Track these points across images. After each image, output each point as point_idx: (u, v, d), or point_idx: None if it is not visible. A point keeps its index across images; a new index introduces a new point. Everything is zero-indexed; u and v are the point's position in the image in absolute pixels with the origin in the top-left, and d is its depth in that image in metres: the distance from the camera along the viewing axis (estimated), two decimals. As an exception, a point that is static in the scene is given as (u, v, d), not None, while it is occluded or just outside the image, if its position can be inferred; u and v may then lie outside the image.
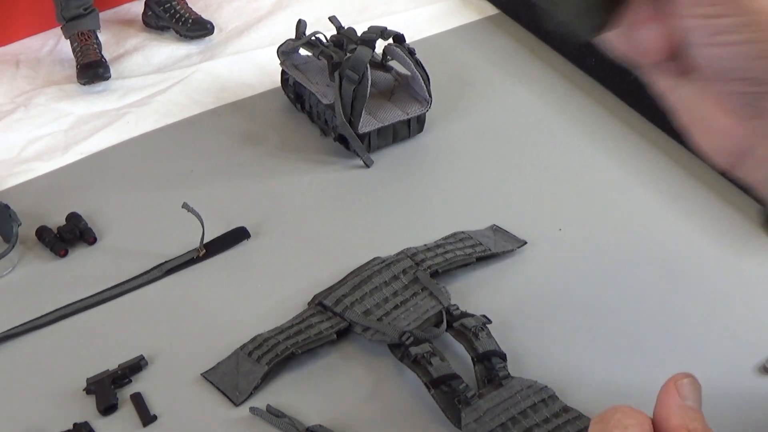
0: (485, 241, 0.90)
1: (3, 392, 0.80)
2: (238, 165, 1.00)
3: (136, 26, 1.18)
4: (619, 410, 0.54)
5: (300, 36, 1.03)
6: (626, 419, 0.55)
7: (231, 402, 0.78)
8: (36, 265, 0.90)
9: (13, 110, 1.06)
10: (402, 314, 0.82)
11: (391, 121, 0.99)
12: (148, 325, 0.85)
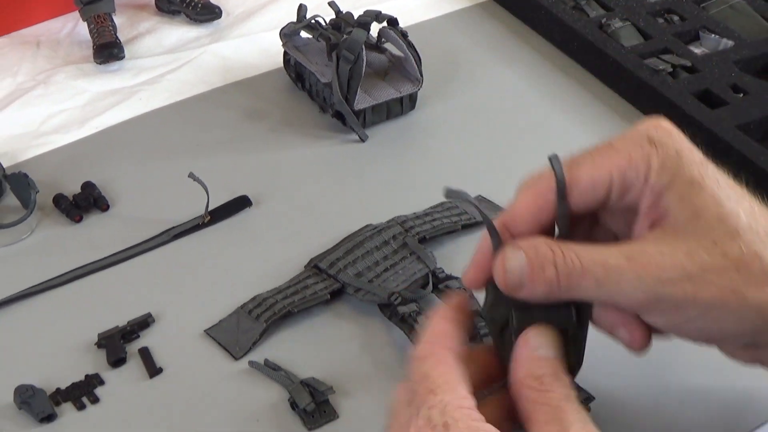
0: (470, 209, 0.90)
1: (22, 345, 0.80)
2: (242, 139, 0.99)
3: (149, 10, 1.17)
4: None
5: (301, 19, 1.03)
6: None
7: (231, 356, 0.78)
8: (53, 230, 0.90)
9: (34, 87, 1.06)
10: (391, 276, 0.82)
11: (384, 99, 0.99)
12: (155, 285, 0.85)
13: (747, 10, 1.11)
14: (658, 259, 0.54)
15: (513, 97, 1.05)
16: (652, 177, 0.56)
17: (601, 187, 0.58)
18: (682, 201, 0.56)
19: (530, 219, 0.60)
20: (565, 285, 0.55)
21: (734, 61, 1.03)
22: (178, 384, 0.77)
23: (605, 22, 1.09)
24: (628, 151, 0.58)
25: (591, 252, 0.55)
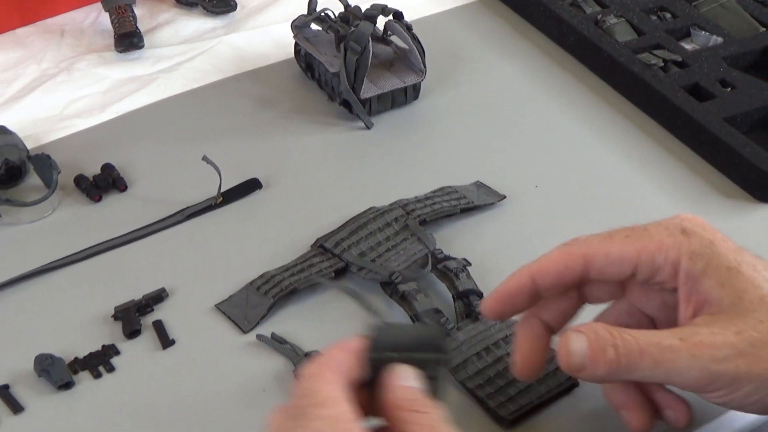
0: (469, 194, 0.90)
1: (42, 317, 0.80)
2: (254, 125, 1.00)
3: (168, 2, 1.17)
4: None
5: (311, 12, 1.03)
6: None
7: (240, 329, 0.78)
8: (73, 209, 0.90)
9: (58, 73, 1.06)
10: (392, 256, 0.83)
11: (389, 89, 0.99)
12: (170, 262, 0.85)
13: (736, 9, 1.11)
14: (710, 339, 0.57)
15: (512, 89, 1.05)
16: (685, 263, 0.60)
17: (628, 263, 0.62)
18: (723, 287, 0.58)
19: (556, 275, 0.64)
20: (624, 365, 0.58)
21: (723, 57, 1.03)
22: (189, 355, 0.77)
23: (601, 19, 1.09)
24: (660, 237, 0.62)
25: (646, 335, 0.58)
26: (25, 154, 0.92)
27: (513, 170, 0.94)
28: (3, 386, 0.74)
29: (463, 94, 1.04)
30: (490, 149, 0.97)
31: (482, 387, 0.72)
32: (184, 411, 0.73)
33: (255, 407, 0.73)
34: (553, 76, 1.07)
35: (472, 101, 1.03)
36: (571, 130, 0.99)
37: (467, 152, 0.97)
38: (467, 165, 0.94)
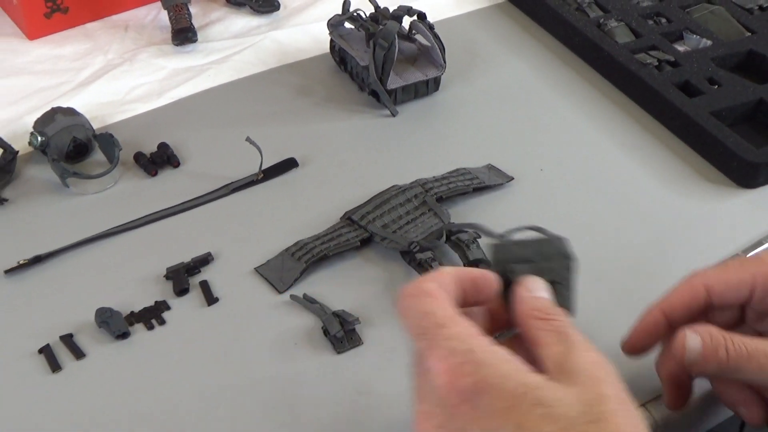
0: (481, 175, 0.90)
1: (103, 275, 0.81)
2: (292, 111, 1.00)
3: (219, 2, 1.18)
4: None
5: (345, 12, 1.03)
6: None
7: (276, 290, 0.79)
8: (132, 182, 0.91)
9: (121, 63, 1.07)
10: (411, 228, 0.83)
11: (413, 81, 0.99)
12: (215, 230, 0.85)
13: (725, 15, 1.10)
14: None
15: (522, 84, 1.05)
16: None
17: (745, 287, 0.63)
18: None
19: (683, 307, 0.65)
20: (733, 366, 0.59)
21: (711, 57, 1.02)
22: (231, 312, 0.78)
23: (603, 22, 1.08)
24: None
25: (754, 342, 0.60)
26: (91, 133, 0.93)
27: (521, 155, 0.94)
28: (67, 335, 0.75)
29: (478, 87, 1.04)
30: (501, 136, 0.97)
31: None
32: (225, 360, 0.74)
33: (287, 358, 0.74)
34: (559, 73, 1.06)
35: (486, 93, 1.03)
36: (573, 120, 0.99)
37: (480, 138, 0.96)
38: (480, 149, 0.94)
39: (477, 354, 0.51)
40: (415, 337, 0.53)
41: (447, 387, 0.51)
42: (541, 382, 0.50)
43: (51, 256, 0.82)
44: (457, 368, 0.51)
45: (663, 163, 0.93)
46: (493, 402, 0.49)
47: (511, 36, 1.12)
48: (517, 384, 0.50)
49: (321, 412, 0.70)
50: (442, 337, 0.52)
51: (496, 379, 0.50)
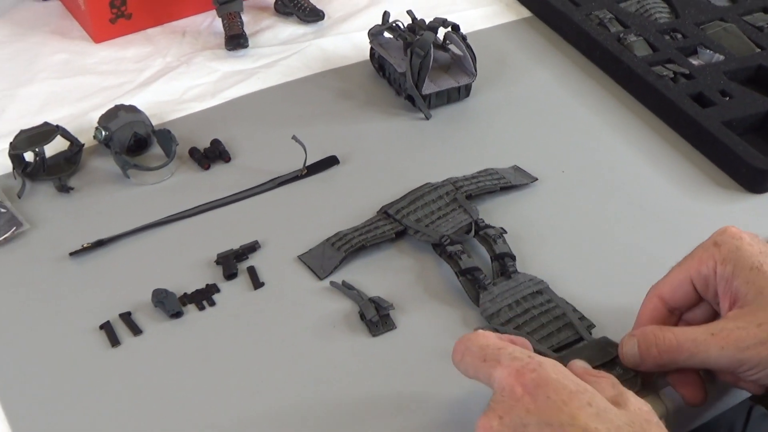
0: (507, 175, 0.89)
1: (160, 259, 0.81)
2: (334, 112, 1.00)
3: (269, 11, 1.17)
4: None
5: (385, 23, 1.02)
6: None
7: (317, 277, 0.79)
8: (187, 174, 0.91)
9: (179, 66, 1.07)
10: (443, 223, 0.82)
11: (446, 87, 0.99)
12: (262, 220, 0.85)
13: (737, 32, 1.08)
14: (735, 333, 0.59)
15: (546, 92, 1.04)
16: (719, 269, 0.61)
17: (686, 284, 0.64)
18: (748, 284, 0.60)
19: (651, 321, 0.66)
20: (666, 359, 0.61)
21: (724, 71, 1.01)
22: (275, 295, 0.78)
23: (623, 37, 1.07)
24: (699, 255, 0.63)
25: (685, 332, 0.61)
26: (150, 129, 0.93)
27: (545, 158, 0.93)
28: (126, 313, 0.76)
29: (506, 94, 1.03)
30: (526, 140, 0.96)
31: (513, 332, 0.72)
32: (269, 340, 0.74)
33: (326, 340, 0.74)
34: (581, 83, 1.05)
35: (513, 100, 1.02)
36: (593, 126, 0.98)
37: (507, 141, 0.96)
38: (507, 151, 0.94)
39: (537, 358, 0.55)
40: (479, 368, 0.57)
41: (512, 383, 0.54)
42: (595, 392, 0.54)
43: (112, 240, 0.83)
44: (521, 368, 0.54)
45: (677, 168, 0.92)
46: (551, 395, 0.52)
47: (537, 48, 1.11)
48: (574, 384, 0.53)
49: (356, 390, 0.69)
50: (503, 354, 0.56)
51: (557, 376, 0.54)
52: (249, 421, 0.68)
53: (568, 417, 0.51)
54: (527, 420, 0.52)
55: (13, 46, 1.11)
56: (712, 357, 0.59)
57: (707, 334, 0.60)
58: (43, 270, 0.80)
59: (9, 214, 0.84)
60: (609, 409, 0.53)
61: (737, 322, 0.59)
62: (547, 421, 0.51)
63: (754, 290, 0.59)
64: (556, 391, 0.53)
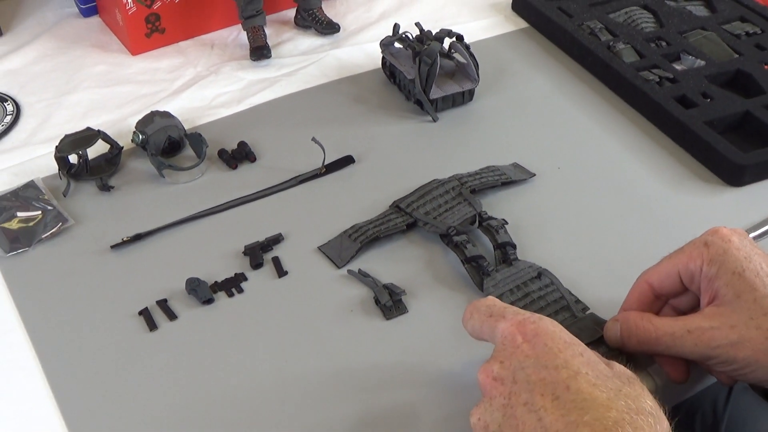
0: (508, 172, 0.88)
1: (193, 250, 0.81)
2: (349, 116, 0.99)
3: (289, 25, 1.17)
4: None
5: (395, 34, 1.01)
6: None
7: (335, 266, 0.78)
8: (216, 174, 0.90)
9: (208, 75, 1.07)
10: (449, 215, 0.82)
11: (451, 92, 0.98)
12: (285, 214, 0.85)
13: (716, 40, 1.07)
14: (709, 333, 0.58)
15: (543, 96, 1.03)
16: (704, 268, 0.61)
17: (674, 275, 0.63)
18: (728, 286, 0.59)
19: (638, 305, 0.65)
20: (645, 347, 0.62)
21: (705, 75, 1.00)
22: (298, 283, 0.77)
23: (612, 45, 1.06)
24: (689, 252, 0.62)
25: (664, 324, 0.61)
26: (183, 133, 0.92)
27: (541, 155, 0.92)
28: (162, 300, 0.75)
29: (506, 98, 1.02)
30: (525, 139, 0.95)
31: None
32: (293, 323, 0.73)
33: (344, 323, 0.73)
34: (574, 87, 1.04)
35: (513, 104, 1.01)
36: (586, 127, 0.97)
37: (507, 141, 0.95)
38: (507, 150, 0.93)
39: (538, 315, 0.57)
40: (485, 322, 0.58)
41: (514, 332, 0.55)
42: (588, 348, 0.55)
43: (149, 234, 0.82)
44: (523, 320, 0.56)
45: (663, 164, 0.91)
46: (548, 342, 0.54)
47: (534, 56, 1.10)
48: (569, 337, 0.55)
49: (372, 366, 0.69)
50: (508, 310, 0.58)
51: (554, 328, 0.55)
52: (275, 395, 0.67)
53: (563, 361, 0.52)
54: (525, 363, 0.53)
55: (57, 59, 1.10)
56: (686, 351, 0.60)
57: (684, 331, 0.59)
58: (86, 262, 0.80)
59: (55, 211, 0.84)
60: (597, 361, 0.54)
61: (712, 322, 0.59)
62: (543, 363, 0.53)
63: (732, 293, 0.58)
64: (553, 340, 0.54)
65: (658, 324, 0.61)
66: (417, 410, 0.65)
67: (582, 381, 0.51)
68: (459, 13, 1.19)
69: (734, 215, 0.84)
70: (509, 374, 0.54)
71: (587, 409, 0.50)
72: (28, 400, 0.68)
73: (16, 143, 0.95)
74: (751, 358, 0.57)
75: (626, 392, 0.51)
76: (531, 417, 0.51)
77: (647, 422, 0.50)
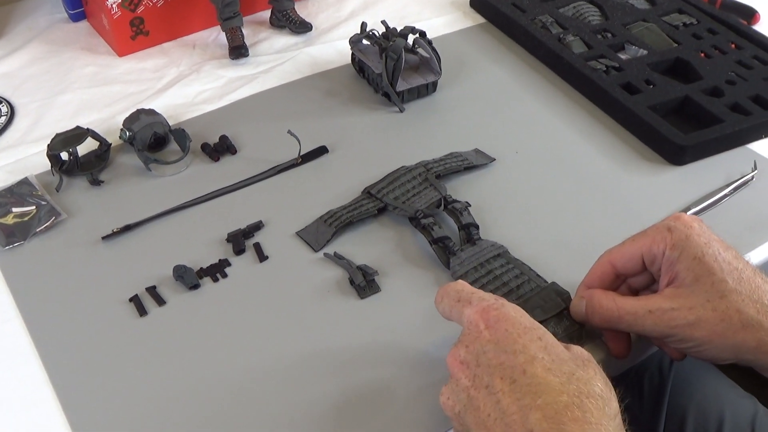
0: (470, 157, 0.86)
1: (178, 239, 0.78)
2: (322, 109, 0.96)
3: (265, 25, 1.13)
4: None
5: (363, 32, 0.98)
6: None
7: (312, 249, 0.76)
8: (200, 166, 0.87)
9: (190, 74, 1.03)
10: (417, 199, 0.79)
11: (416, 84, 0.95)
12: (265, 202, 0.82)
13: (657, 31, 1.05)
14: (669, 314, 0.57)
15: (500, 86, 1.00)
16: (667, 252, 0.59)
17: (637, 257, 0.61)
18: (688, 270, 0.57)
19: (599, 281, 0.64)
20: (607, 325, 0.61)
21: (647, 63, 0.98)
22: (278, 267, 0.75)
23: (562, 37, 1.04)
24: (652, 236, 0.60)
25: (627, 304, 0.59)
26: (167, 128, 0.89)
27: (501, 141, 0.90)
28: (151, 287, 0.72)
29: (467, 89, 0.99)
30: (485, 126, 0.92)
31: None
32: (274, 305, 0.71)
33: (322, 303, 0.71)
34: (529, 77, 1.01)
35: (473, 94, 0.98)
36: (541, 114, 0.95)
37: (469, 128, 0.92)
38: (469, 137, 0.90)
39: (501, 300, 0.55)
40: (453, 306, 0.57)
41: (477, 318, 0.54)
42: (547, 332, 0.53)
43: (138, 225, 0.79)
44: (486, 307, 0.54)
45: (611, 146, 0.89)
46: (508, 328, 0.52)
47: (491, 49, 1.07)
48: (529, 322, 0.53)
49: (349, 345, 0.67)
50: (474, 296, 0.56)
51: (514, 314, 0.53)
52: (259, 372, 0.65)
53: (521, 346, 0.51)
54: (487, 348, 0.52)
55: (48, 62, 1.06)
56: (646, 329, 0.58)
57: (645, 311, 0.58)
58: (79, 253, 0.76)
59: (49, 205, 0.80)
60: (555, 344, 0.52)
61: (672, 303, 0.57)
62: (503, 348, 0.51)
63: (692, 276, 0.57)
64: (514, 325, 0.52)
65: (621, 303, 0.59)
66: (391, 385, 0.63)
67: (537, 366, 0.50)
68: (421, 10, 1.16)
69: (677, 192, 0.83)
70: (473, 358, 0.53)
71: (540, 393, 0.48)
72: (27, 386, 0.65)
73: (11, 142, 0.91)
74: (706, 338, 0.56)
75: (578, 376, 0.50)
76: (490, 399, 0.50)
77: (596, 405, 0.48)
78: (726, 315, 0.55)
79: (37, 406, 0.63)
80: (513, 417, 0.48)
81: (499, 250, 0.73)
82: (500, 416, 0.49)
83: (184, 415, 0.62)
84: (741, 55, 1.00)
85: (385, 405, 0.62)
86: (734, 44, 1.03)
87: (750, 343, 0.55)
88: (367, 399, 0.63)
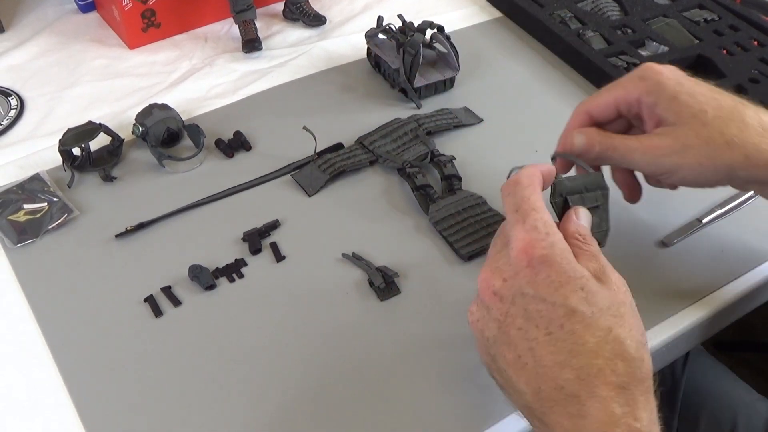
0: (459, 115, 0.89)
1: (194, 238, 0.76)
2: (338, 104, 0.94)
3: (278, 17, 1.11)
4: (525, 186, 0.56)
5: (379, 26, 0.97)
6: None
7: (306, 194, 0.79)
8: (214, 162, 0.86)
9: (203, 67, 1.01)
10: (406, 152, 0.82)
11: (433, 80, 0.94)
12: (282, 200, 0.80)
13: (678, 27, 1.03)
14: (657, 143, 0.61)
15: (517, 81, 0.98)
16: (643, 98, 0.62)
17: (612, 105, 0.65)
18: (667, 111, 0.61)
19: (608, 108, 0.66)
20: (604, 155, 0.63)
21: (668, 60, 0.96)
22: (295, 267, 0.73)
23: (581, 32, 1.02)
24: (625, 85, 0.64)
25: (620, 138, 0.63)
26: (181, 124, 0.87)
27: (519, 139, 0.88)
28: (166, 287, 0.71)
29: (484, 84, 0.97)
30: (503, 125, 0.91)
31: (453, 235, 0.73)
32: (291, 305, 0.70)
33: (340, 304, 0.70)
34: (546, 72, 1.00)
35: (490, 89, 0.96)
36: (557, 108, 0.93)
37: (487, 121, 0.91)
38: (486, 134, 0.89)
39: (552, 237, 0.52)
40: (511, 211, 0.55)
41: (522, 251, 0.52)
42: (589, 276, 0.51)
43: (152, 223, 0.77)
44: (535, 240, 0.52)
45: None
46: (551, 274, 0.50)
47: (509, 44, 1.05)
48: (573, 269, 0.51)
49: (367, 347, 0.65)
50: (532, 216, 0.53)
51: (560, 260, 0.51)
52: (276, 374, 0.64)
53: (562, 298, 0.50)
54: (527, 290, 0.51)
55: (58, 54, 1.04)
56: (637, 159, 0.62)
57: (636, 142, 0.62)
58: (92, 251, 0.75)
59: (61, 202, 0.79)
60: (596, 292, 0.51)
61: (660, 137, 0.61)
62: (542, 296, 0.50)
63: (673, 115, 0.60)
64: (558, 272, 0.50)
65: (613, 137, 0.64)
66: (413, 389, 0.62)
67: (576, 322, 0.49)
68: (437, 4, 1.14)
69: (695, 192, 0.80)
70: (509, 295, 0.51)
71: (575, 353, 0.48)
72: (40, 387, 0.64)
73: (21, 137, 0.90)
74: (695, 162, 0.59)
75: (615, 335, 0.49)
76: (524, 344, 0.50)
77: (628, 368, 0.48)
78: (710, 138, 0.58)
79: (51, 409, 0.62)
80: (545, 369, 0.49)
81: (477, 200, 0.76)
82: (533, 363, 0.49)
83: (201, 418, 0.61)
84: (764, 52, 0.98)
85: (404, 409, 0.61)
86: (756, 41, 1.01)
87: (738, 160, 0.58)
88: (388, 403, 0.61)
